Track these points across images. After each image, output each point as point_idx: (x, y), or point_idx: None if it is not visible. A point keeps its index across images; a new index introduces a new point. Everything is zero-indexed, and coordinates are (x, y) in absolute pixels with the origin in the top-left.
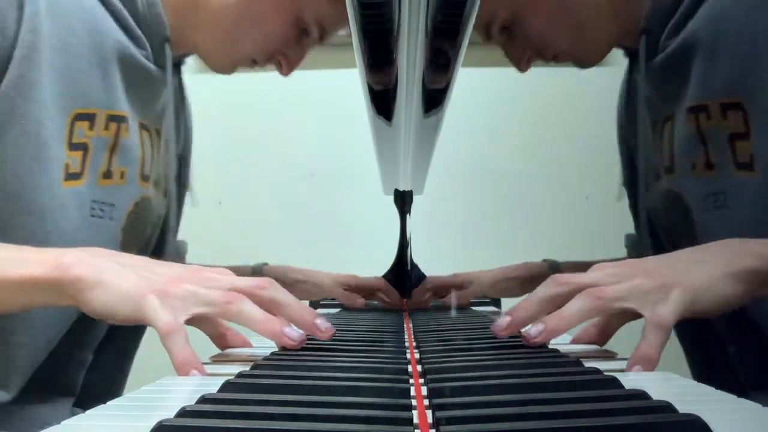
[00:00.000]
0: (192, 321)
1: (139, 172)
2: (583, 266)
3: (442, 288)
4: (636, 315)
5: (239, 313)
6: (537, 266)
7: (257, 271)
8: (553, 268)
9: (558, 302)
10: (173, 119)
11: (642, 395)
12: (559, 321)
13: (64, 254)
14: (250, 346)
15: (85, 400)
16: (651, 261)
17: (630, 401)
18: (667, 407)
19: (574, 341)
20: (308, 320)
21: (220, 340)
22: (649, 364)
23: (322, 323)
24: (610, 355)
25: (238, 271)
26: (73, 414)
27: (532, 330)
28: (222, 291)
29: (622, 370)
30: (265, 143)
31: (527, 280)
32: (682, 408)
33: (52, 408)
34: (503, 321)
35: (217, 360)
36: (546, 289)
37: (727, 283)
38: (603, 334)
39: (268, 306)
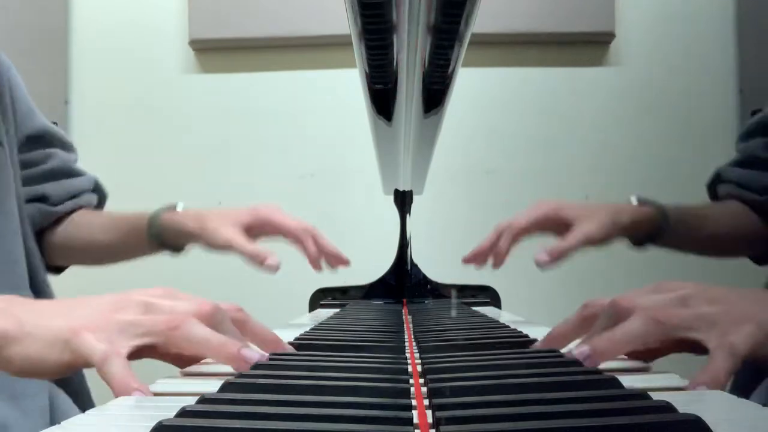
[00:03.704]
0: (137, 354)
1: None
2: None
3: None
4: (694, 345)
5: (188, 338)
6: (643, 212)
7: (154, 217)
8: (661, 213)
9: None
10: None
11: (642, 395)
12: (608, 344)
13: None
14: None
15: None
16: (722, 290)
17: (630, 401)
18: (667, 407)
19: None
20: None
21: (178, 361)
22: (717, 386)
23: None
24: (645, 368)
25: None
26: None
27: (578, 353)
28: (164, 317)
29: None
30: (265, 143)
31: (635, 228)
32: (682, 408)
33: None
34: (583, 353)
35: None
36: (604, 319)
37: None
38: (648, 354)
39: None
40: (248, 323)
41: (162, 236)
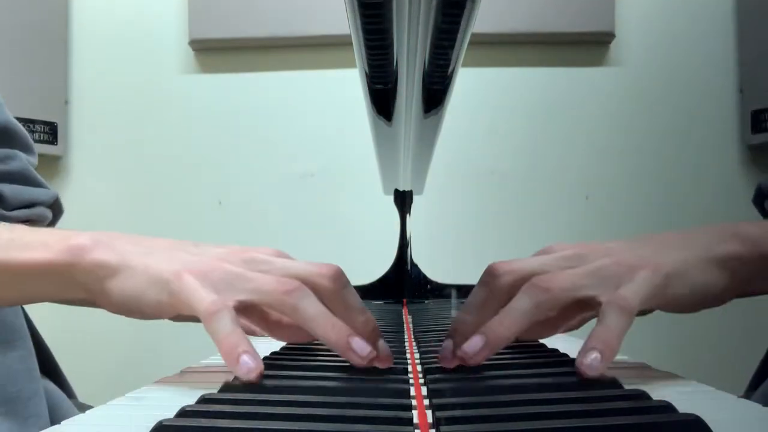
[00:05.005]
0: (237, 311)
1: None
2: None
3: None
4: (593, 303)
5: (296, 309)
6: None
7: None
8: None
9: (503, 299)
10: None
11: (642, 395)
12: (501, 329)
13: (74, 236)
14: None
15: None
16: (616, 243)
17: (630, 401)
18: (667, 407)
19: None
20: (371, 336)
21: (275, 329)
22: (609, 350)
23: (385, 347)
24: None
25: None
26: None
27: (467, 347)
28: (276, 277)
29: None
30: (265, 143)
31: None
32: (682, 408)
33: None
34: (446, 349)
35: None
36: (484, 289)
37: (707, 270)
38: (553, 326)
39: (330, 302)
40: (347, 305)
41: None
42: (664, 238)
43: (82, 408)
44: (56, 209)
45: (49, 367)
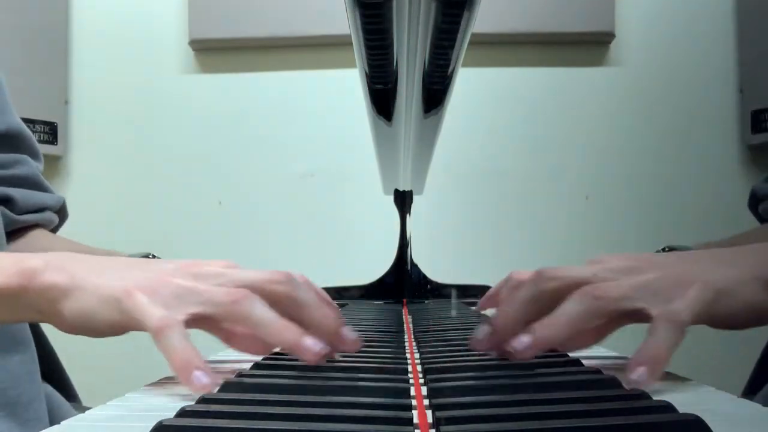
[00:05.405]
0: (190, 323)
1: None
2: None
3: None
4: (641, 316)
5: (247, 316)
6: None
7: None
8: None
9: (547, 302)
10: None
11: (642, 395)
12: (550, 330)
13: (26, 258)
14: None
15: None
16: (665, 256)
17: (630, 401)
18: (667, 407)
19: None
20: (331, 327)
21: (231, 339)
22: (658, 365)
23: (349, 333)
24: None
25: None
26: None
27: (516, 343)
28: (226, 288)
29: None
30: (265, 143)
31: None
32: (682, 408)
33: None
34: (482, 332)
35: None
36: (530, 287)
37: (759, 290)
38: (595, 335)
39: (285, 306)
40: (300, 303)
41: None
42: (714, 255)
43: (83, 411)
44: (62, 214)
45: (54, 371)
